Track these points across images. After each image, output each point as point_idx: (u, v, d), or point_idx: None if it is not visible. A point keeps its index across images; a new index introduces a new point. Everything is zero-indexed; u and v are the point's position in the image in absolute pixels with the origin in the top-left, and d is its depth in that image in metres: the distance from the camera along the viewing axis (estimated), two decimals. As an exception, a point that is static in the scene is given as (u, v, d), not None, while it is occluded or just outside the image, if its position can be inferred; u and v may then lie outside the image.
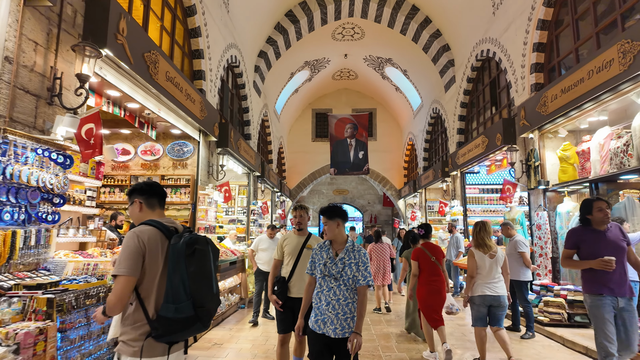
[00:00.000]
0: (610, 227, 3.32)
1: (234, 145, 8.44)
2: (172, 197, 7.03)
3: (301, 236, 3.54)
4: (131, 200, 2.08)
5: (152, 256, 1.91)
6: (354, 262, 2.60)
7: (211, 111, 7.21)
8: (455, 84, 11.56)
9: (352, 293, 2.59)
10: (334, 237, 2.70)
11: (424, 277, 4.57)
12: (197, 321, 1.91)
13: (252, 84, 11.79)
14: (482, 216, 10.82)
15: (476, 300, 4.10)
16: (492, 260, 4.06)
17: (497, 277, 4.07)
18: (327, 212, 2.71)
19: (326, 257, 2.66)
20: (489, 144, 8.50)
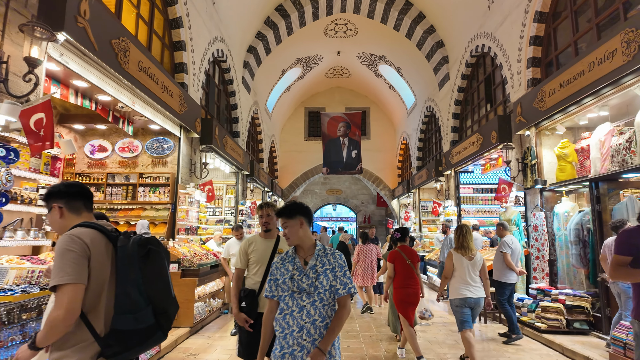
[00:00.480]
0: None
1: (219, 143, 8.07)
2: (151, 196, 6.65)
3: (269, 239, 3.00)
4: (48, 206, 1.77)
5: (98, 261, 1.64)
6: (329, 269, 2.10)
7: (192, 106, 6.85)
8: (449, 81, 11.27)
9: (330, 310, 2.06)
10: (298, 242, 2.15)
11: (400, 279, 4.60)
12: (158, 330, 1.69)
13: (241, 80, 11.43)
14: (476, 217, 10.54)
15: (457, 302, 4.14)
16: (470, 262, 4.15)
17: (476, 280, 4.15)
18: (285, 211, 2.14)
19: (292, 268, 2.12)
20: (483, 142, 8.21)
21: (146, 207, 6.68)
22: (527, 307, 5.89)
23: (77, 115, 6.52)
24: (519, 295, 6.29)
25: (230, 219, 10.76)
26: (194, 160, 7.36)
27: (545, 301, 5.71)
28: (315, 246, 2.19)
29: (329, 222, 25.75)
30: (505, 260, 5.42)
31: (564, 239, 6.06)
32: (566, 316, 5.29)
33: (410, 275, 4.55)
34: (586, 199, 6.16)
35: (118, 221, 6.64)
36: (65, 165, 6.60)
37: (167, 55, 6.91)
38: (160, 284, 1.76)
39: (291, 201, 2.16)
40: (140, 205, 6.67)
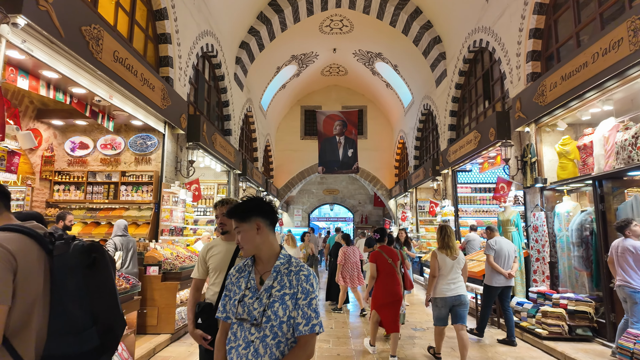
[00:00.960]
0: None
1: (207, 140, 7.78)
2: (133, 195, 6.35)
3: (230, 242, 2.59)
4: None
5: (27, 274, 1.32)
6: (290, 294, 1.56)
7: (177, 101, 6.55)
8: (446, 77, 11.00)
9: (286, 349, 1.55)
10: (255, 251, 1.65)
11: (381, 279, 4.72)
12: (104, 352, 1.42)
13: (233, 76, 11.13)
14: (474, 217, 10.27)
15: (438, 302, 4.30)
16: (454, 262, 4.29)
17: (457, 277, 4.29)
18: (237, 211, 1.64)
19: (244, 287, 1.63)
20: (481, 139, 7.93)
21: (128, 206, 6.38)
22: (527, 312, 5.61)
23: (55, 111, 6.22)
24: (519, 299, 6.01)
25: (222, 219, 10.45)
26: (180, 158, 7.06)
27: (546, 305, 5.42)
28: (277, 257, 1.65)
29: (327, 222, 25.49)
30: (488, 262, 5.42)
31: (566, 240, 5.78)
32: (568, 322, 5.01)
33: (390, 274, 4.69)
34: (589, 198, 5.89)
35: (99, 221, 6.34)
36: (43, 163, 6.30)
37: (150, 48, 6.61)
38: (107, 298, 1.49)
39: (249, 196, 1.73)
40: (122, 205, 6.37)
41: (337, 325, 6.45)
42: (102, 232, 6.11)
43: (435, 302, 4.33)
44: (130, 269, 4.81)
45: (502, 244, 5.44)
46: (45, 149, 6.35)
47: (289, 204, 23.34)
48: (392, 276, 4.67)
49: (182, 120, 6.65)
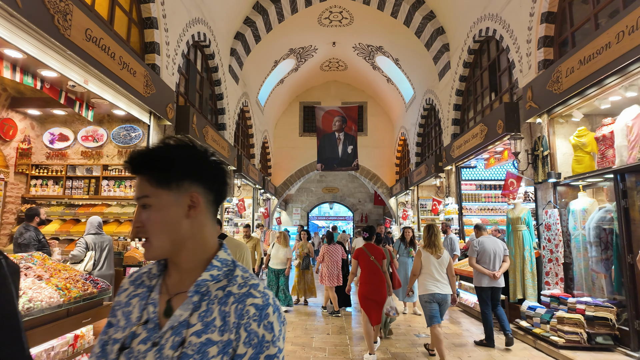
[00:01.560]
0: None
1: (197, 133, 7.34)
2: (116, 190, 5.91)
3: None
4: None
5: None
6: (219, 345, 0.80)
7: (163, 89, 6.10)
8: (450, 70, 10.55)
9: None
10: (172, 249, 0.88)
11: (364, 275, 4.77)
12: None
13: (228, 68, 10.68)
14: (479, 215, 9.83)
15: (426, 298, 4.34)
16: (438, 260, 4.36)
17: (444, 277, 4.36)
18: (151, 161, 0.87)
19: (137, 317, 0.88)
20: (488, 132, 7.49)
21: (110, 202, 5.94)
22: (540, 318, 5.17)
23: (32, 99, 5.79)
24: (530, 303, 5.57)
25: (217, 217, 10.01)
26: (167, 151, 6.62)
27: (561, 310, 4.99)
28: (206, 266, 0.89)
29: (327, 221, 25.05)
30: (470, 264, 5.32)
31: (582, 239, 5.34)
32: (587, 329, 4.57)
33: (373, 272, 4.72)
34: (606, 194, 5.45)
35: (79, 218, 5.90)
36: (19, 156, 5.86)
37: (135, 33, 6.16)
38: (3, 333, 1.04)
39: (165, 140, 0.90)
40: (104, 201, 5.93)
41: (334, 330, 6.01)
42: (82, 230, 5.66)
43: (422, 300, 4.39)
44: (104, 271, 4.38)
45: (485, 244, 5.24)
46: (21, 141, 5.91)
47: (288, 202, 22.92)
48: (375, 274, 4.71)
49: (168, 110, 6.21)
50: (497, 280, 5.11)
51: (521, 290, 5.81)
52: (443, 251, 4.41)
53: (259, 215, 14.60)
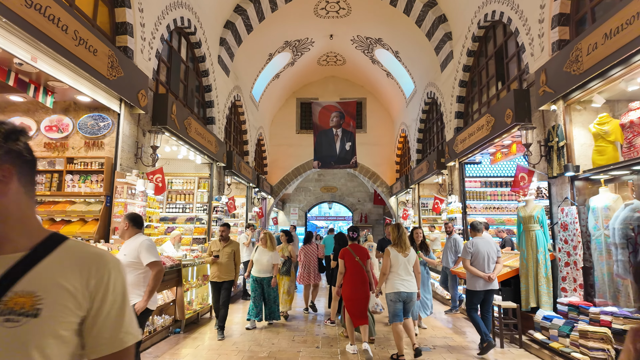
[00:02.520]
0: None
1: (178, 124, 6.73)
2: (81, 186, 5.30)
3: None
4: None
5: None
6: None
7: (134, 74, 5.49)
8: (452, 60, 9.92)
9: None
10: None
11: (348, 275, 4.86)
12: None
13: (217, 59, 10.08)
14: (484, 214, 9.19)
15: (392, 297, 4.45)
16: (405, 259, 4.50)
17: (411, 274, 4.50)
18: None
19: None
20: (495, 124, 6.86)
21: (75, 199, 5.33)
22: (558, 330, 4.53)
23: (-14, 84, 5.17)
24: (546, 312, 4.93)
25: (203, 217, 9.42)
26: (141, 143, 6.01)
27: (582, 322, 4.36)
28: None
29: (326, 221, 24.44)
30: (464, 267, 5.07)
31: (604, 240, 4.71)
32: (615, 345, 3.94)
33: (357, 271, 4.84)
34: (632, 189, 4.81)
35: (40, 217, 5.29)
36: (-27, 148, 5.25)
37: (103, 12, 5.55)
38: None
39: None
40: (68, 198, 5.32)
41: (325, 342, 5.39)
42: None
43: (388, 298, 4.50)
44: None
45: (479, 246, 5.02)
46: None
47: (285, 202, 22.31)
48: (359, 274, 4.83)
49: (140, 97, 5.59)
50: (492, 282, 4.87)
51: (534, 298, 5.18)
52: (411, 249, 4.56)
53: (253, 215, 13.99)
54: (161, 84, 7.28)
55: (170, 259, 5.64)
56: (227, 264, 5.54)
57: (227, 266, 5.54)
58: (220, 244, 5.67)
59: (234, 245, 5.68)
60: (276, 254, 6.13)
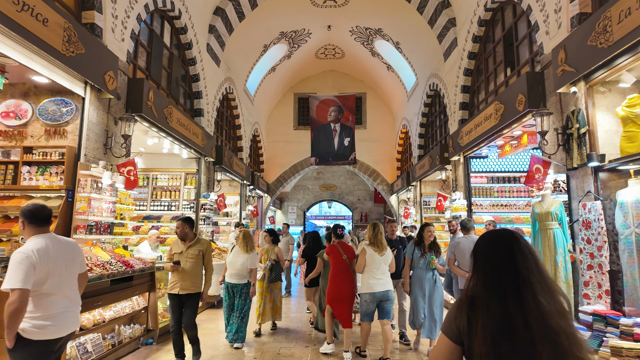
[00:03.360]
0: None
1: (156, 113, 6.12)
2: (39, 178, 4.70)
3: None
4: None
5: None
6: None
7: (99, 52, 4.88)
8: (457, 48, 9.29)
9: None
10: None
11: (334, 273, 4.76)
12: None
13: (205, 47, 9.48)
14: (491, 212, 8.56)
15: (367, 297, 4.41)
16: (382, 258, 4.44)
17: (386, 274, 4.45)
18: None
19: None
20: (505, 112, 6.23)
21: (32, 194, 4.73)
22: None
23: None
24: (566, 323, 4.31)
25: (191, 214, 8.81)
26: (112, 132, 5.41)
27: (611, 334, 3.73)
28: None
29: (325, 221, 23.83)
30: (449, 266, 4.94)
31: (635, 240, 4.08)
32: (655, 365, 3.31)
33: (344, 270, 4.75)
34: (668, 182, 4.18)
35: (-7, 214, 4.70)
36: None
37: (67, -17, 4.95)
38: None
39: None
40: (24, 192, 4.72)
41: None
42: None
43: (363, 298, 4.46)
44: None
45: (461, 244, 4.87)
46: None
47: (283, 200, 21.71)
48: (345, 272, 4.74)
49: (107, 79, 4.98)
50: None
51: (553, 306, 4.55)
52: (387, 249, 4.50)
53: (248, 214, 13.40)
54: (139, 69, 6.68)
55: (142, 260, 5.02)
56: (192, 270, 4.18)
57: (192, 273, 4.18)
58: (182, 245, 4.30)
59: (202, 245, 4.32)
60: (254, 256, 5.05)
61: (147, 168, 8.98)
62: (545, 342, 1.07)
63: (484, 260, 1.25)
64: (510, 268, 1.19)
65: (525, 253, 1.21)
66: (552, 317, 1.11)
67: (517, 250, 1.21)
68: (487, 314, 1.15)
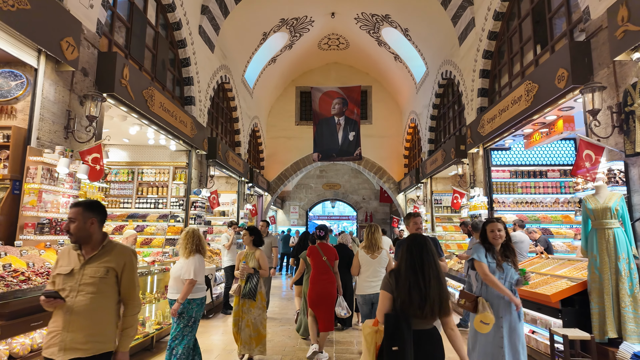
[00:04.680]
0: None
1: (132, 94, 5.27)
2: (-22, 167, 3.85)
3: None
4: None
5: None
6: None
7: (53, 12, 4.02)
8: (474, 29, 8.38)
9: None
10: None
11: (314, 274, 4.68)
12: None
13: (198, 29, 8.63)
14: (514, 210, 7.65)
15: (360, 299, 4.31)
16: (375, 261, 4.28)
17: (377, 276, 4.23)
18: None
19: None
20: (539, 92, 5.33)
21: (-29, 185, 3.88)
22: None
23: None
24: (636, 348, 3.39)
25: (179, 213, 7.96)
26: (75, 113, 4.55)
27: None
28: None
29: (329, 221, 22.96)
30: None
31: None
32: None
33: (324, 271, 4.64)
34: None
35: None
36: None
37: None
38: None
39: None
40: (-40, 183, 3.87)
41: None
42: None
43: (358, 300, 4.37)
44: None
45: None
46: None
47: (284, 200, 20.84)
48: (326, 274, 4.64)
49: (65, 46, 4.12)
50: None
51: (614, 324, 3.63)
52: (381, 251, 4.33)
53: (246, 213, 12.54)
54: (117, 45, 5.83)
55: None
56: (88, 308, 2.05)
57: (90, 315, 2.04)
58: (77, 257, 2.14)
59: (114, 258, 2.16)
60: (193, 262, 3.62)
61: (131, 162, 8.14)
62: (430, 292, 2.03)
63: (407, 251, 2.17)
64: (419, 257, 2.12)
65: (429, 251, 2.13)
66: (434, 282, 2.06)
67: (425, 248, 2.14)
68: (405, 278, 2.09)
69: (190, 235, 3.77)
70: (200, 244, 3.77)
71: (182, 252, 3.74)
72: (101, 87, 4.86)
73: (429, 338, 2.04)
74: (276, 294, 9.18)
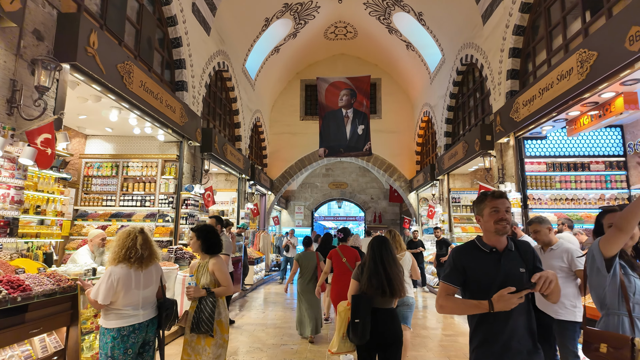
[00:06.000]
0: None
1: (103, 67, 4.36)
2: None
3: None
4: None
5: None
6: None
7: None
8: (502, 3, 7.39)
9: None
10: None
11: (335, 275, 4.93)
12: None
13: (191, 7, 7.72)
14: (551, 208, 6.65)
15: None
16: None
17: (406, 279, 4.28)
18: None
19: None
20: (597, 62, 4.34)
21: None
22: None
23: None
24: None
25: (169, 212, 7.05)
26: (23, 82, 3.64)
27: None
28: None
29: (335, 222, 22.00)
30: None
31: None
32: None
33: (343, 272, 4.83)
34: None
35: None
36: None
37: None
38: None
39: None
40: None
41: None
42: None
43: None
44: None
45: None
46: None
47: (289, 199, 19.91)
48: (345, 275, 4.76)
49: (3, -6, 3.21)
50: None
51: None
52: (404, 253, 4.24)
53: (247, 213, 11.62)
54: (88, 13, 4.93)
55: (58, 278, 3.19)
56: None
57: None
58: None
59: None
60: (104, 276, 2.56)
61: (116, 154, 7.24)
62: (391, 279, 2.66)
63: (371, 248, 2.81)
64: (380, 253, 2.77)
65: (388, 248, 2.81)
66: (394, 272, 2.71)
67: (384, 246, 2.82)
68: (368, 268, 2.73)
69: (125, 236, 2.66)
70: (134, 248, 2.61)
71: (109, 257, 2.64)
72: (60, 54, 3.95)
73: (388, 315, 2.70)
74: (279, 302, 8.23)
